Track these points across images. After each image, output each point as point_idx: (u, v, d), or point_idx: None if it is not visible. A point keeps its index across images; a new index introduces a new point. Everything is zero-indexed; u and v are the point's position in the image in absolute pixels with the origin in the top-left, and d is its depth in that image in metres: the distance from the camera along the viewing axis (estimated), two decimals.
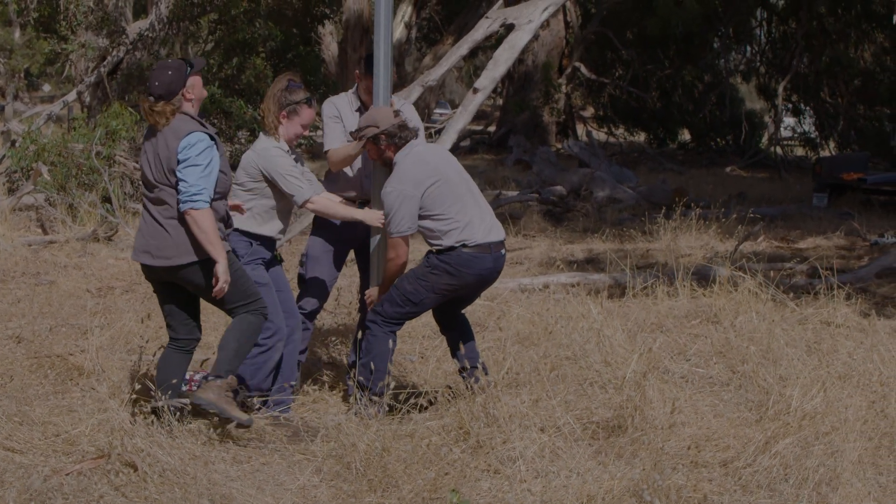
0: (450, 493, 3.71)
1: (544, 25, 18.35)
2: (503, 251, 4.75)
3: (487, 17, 7.44)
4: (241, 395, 4.53)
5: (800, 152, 23.88)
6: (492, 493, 3.82)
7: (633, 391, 4.41)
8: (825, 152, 22.55)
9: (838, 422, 4.22)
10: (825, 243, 10.69)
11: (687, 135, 25.73)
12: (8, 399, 4.72)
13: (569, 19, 23.76)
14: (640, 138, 25.97)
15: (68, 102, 14.54)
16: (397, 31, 21.57)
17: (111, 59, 14.00)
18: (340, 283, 6.57)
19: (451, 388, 4.79)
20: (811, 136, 23.58)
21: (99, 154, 10.66)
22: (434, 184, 4.59)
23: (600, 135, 24.90)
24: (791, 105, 23.24)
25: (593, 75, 23.41)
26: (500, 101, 28.96)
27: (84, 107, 14.61)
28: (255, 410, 4.57)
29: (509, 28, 7.52)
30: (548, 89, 22.90)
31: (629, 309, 6.91)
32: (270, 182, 4.62)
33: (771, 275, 7.43)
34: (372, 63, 4.90)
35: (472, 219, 4.64)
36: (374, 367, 4.61)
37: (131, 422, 4.22)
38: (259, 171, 4.61)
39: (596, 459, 4.08)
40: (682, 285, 7.21)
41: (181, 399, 4.31)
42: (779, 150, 21.18)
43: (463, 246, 4.59)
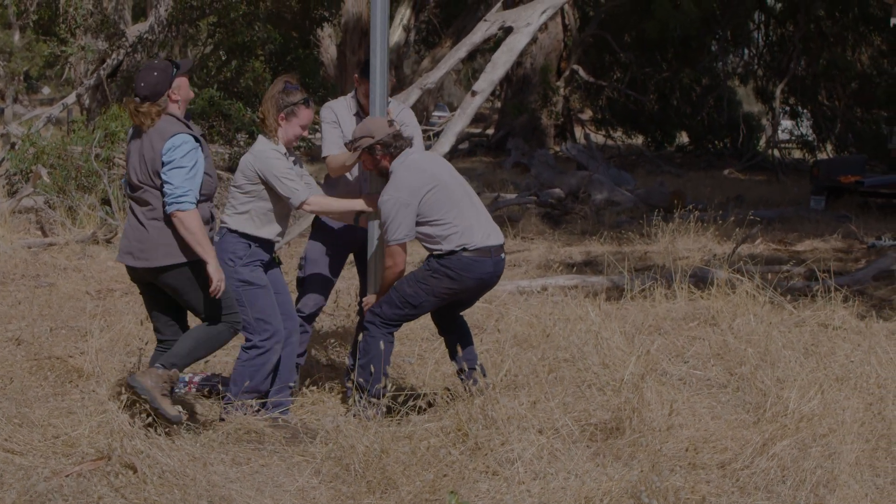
0: (448, 495, 3.72)
1: (542, 28, 18.39)
2: (503, 255, 4.76)
3: (486, 20, 7.47)
4: (178, 392, 4.33)
5: (797, 155, 23.93)
6: (490, 495, 3.83)
7: (631, 393, 4.42)
8: (822, 155, 22.59)
9: (836, 424, 4.23)
10: (822, 246, 10.71)
11: (685, 137, 25.78)
12: (8, 401, 4.73)
13: (567, 22, 23.80)
14: (638, 141, 26.00)
15: (68, 105, 14.55)
16: (396, 34, 21.60)
17: (110, 62, 14.02)
18: (339, 286, 6.58)
19: (449, 389, 4.80)
20: (809, 138, 23.64)
21: (98, 156, 10.67)
22: (431, 190, 4.60)
23: (598, 137, 24.94)
24: (789, 108, 23.30)
25: (591, 78, 23.45)
26: (499, 104, 28.98)
27: (83, 109, 14.62)
28: (255, 412, 4.59)
29: (507, 31, 7.54)
30: (546, 92, 22.93)
31: (627, 311, 6.92)
32: (267, 185, 4.63)
33: (768, 277, 7.45)
34: (369, 68, 4.91)
35: (471, 223, 4.65)
36: (372, 369, 4.62)
37: (131, 423, 4.23)
38: (256, 173, 4.62)
39: (594, 461, 4.09)
40: (680, 288, 7.23)
41: (175, 406, 4.30)
42: (776, 152, 21.23)
43: (463, 250, 4.60)
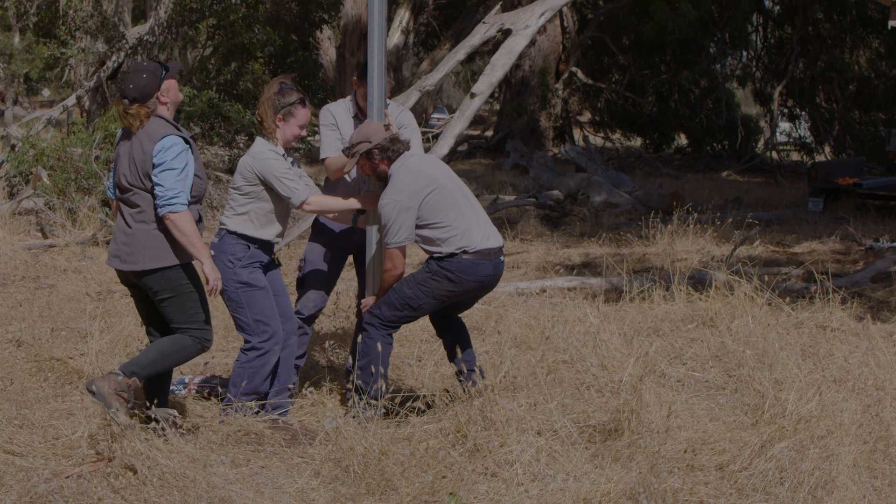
0: (447, 496, 3.73)
1: (541, 31, 18.41)
2: (502, 257, 4.78)
3: (485, 22, 7.48)
4: (134, 401, 4.19)
5: (795, 157, 23.96)
6: (489, 496, 3.84)
7: (629, 395, 4.44)
8: (820, 157, 22.62)
9: (833, 425, 4.24)
10: (821, 248, 10.72)
11: (683, 140, 25.80)
12: (8, 402, 4.74)
13: (565, 25, 23.83)
14: (637, 143, 26.03)
15: (68, 107, 14.56)
16: (395, 36, 21.60)
17: (110, 64, 14.02)
18: (338, 288, 6.59)
19: (448, 391, 4.81)
20: (807, 140, 23.67)
21: (98, 158, 10.68)
22: (431, 193, 4.61)
23: (597, 139, 24.97)
24: (787, 110, 23.33)
25: (590, 80, 23.49)
26: (498, 106, 29.01)
27: (83, 111, 14.62)
28: (254, 413, 4.60)
29: (506, 33, 7.55)
30: (545, 94, 22.95)
31: (626, 313, 6.94)
32: (267, 185, 4.64)
33: (766, 279, 7.47)
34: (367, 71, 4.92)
35: (470, 225, 4.66)
36: (371, 370, 4.63)
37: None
38: (255, 174, 4.63)
39: (592, 463, 4.11)
40: (679, 289, 7.24)
41: (168, 410, 4.31)
42: (774, 154, 21.26)
43: (463, 252, 4.61)
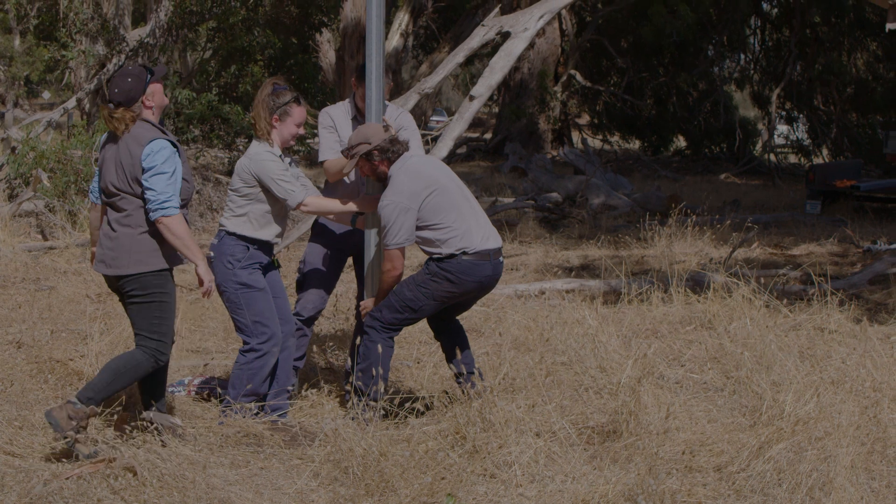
0: (446, 498, 3.74)
1: (540, 33, 18.40)
2: (501, 258, 4.79)
3: (483, 24, 7.49)
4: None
5: (793, 159, 24.01)
6: (488, 498, 3.85)
7: (627, 396, 4.45)
8: (818, 159, 22.66)
9: (831, 427, 4.25)
10: (818, 250, 10.74)
11: (681, 142, 25.84)
12: (8, 404, 4.75)
13: (564, 27, 23.86)
14: (635, 146, 26.07)
15: (68, 109, 14.56)
16: (394, 39, 21.62)
17: (111, 67, 14.03)
18: (338, 289, 6.59)
19: (447, 393, 4.82)
20: (804, 143, 23.71)
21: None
22: (431, 194, 4.62)
23: (595, 142, 25.01)
24: (784, 112, 23.37)
25: (588, 83, 23.52)
26: (496, 109, 29.02)
27: (84, 114, 14.62)
28: (253, 415, 4.61)
29: (505, 36, 7.57)
30: (543, 97, 22.98)
31: (624, 315, 6.95)
32: (263, 187, 4.65)
33: (764, 281, 7.48)
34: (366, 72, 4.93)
35: (470, 226, 4.67)
36: (371, 373, 4.64)
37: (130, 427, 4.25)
38: (252, 176, 4.64)
39: (591, 464, 4.12)
40: (677, 291, 7.26)
41: (172, 419, 4.32)
42: (772, 157, 21.29)
43: (463, 253, 4.62)
